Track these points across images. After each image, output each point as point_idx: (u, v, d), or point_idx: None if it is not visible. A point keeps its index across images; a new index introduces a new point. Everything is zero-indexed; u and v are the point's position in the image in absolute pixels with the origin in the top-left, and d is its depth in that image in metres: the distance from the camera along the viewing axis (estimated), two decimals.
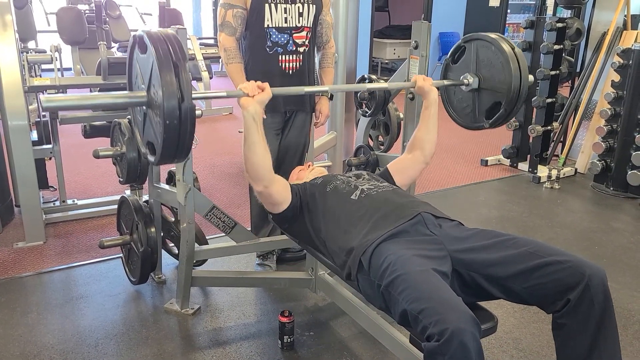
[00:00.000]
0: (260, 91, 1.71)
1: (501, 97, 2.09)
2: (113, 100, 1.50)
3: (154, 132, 1.47)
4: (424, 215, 1.71)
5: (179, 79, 1.37)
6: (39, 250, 2.98)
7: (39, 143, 3.39)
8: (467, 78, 2.17)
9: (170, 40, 1.44)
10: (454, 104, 2.31)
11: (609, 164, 4.06)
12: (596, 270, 1.46)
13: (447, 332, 1.26)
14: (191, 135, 1.43)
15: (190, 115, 1.39)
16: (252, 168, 1.76)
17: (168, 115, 1.35)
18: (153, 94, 1.43)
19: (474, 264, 1.58)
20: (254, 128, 1.71)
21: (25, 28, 5.20)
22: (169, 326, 2.35)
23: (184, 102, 1.36)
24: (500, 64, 2.07)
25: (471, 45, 2.18)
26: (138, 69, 1.57)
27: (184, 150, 1.45)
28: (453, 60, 2.27)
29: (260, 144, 1.73)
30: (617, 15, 4.40)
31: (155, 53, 1.39)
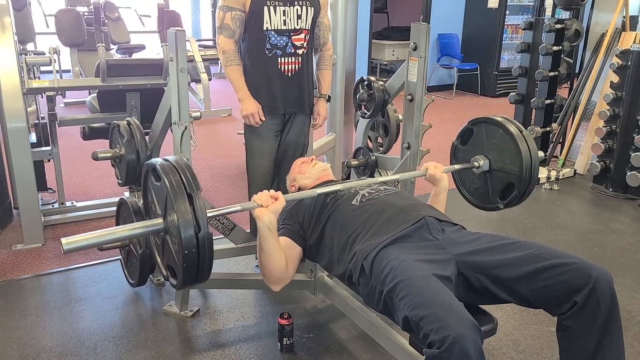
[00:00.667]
0: (273, 201, 1.68)
1: (514, 178, 2.05)
2: (132, 232, 1.53)
3: (174, 257, 1.50)
4: (428, 219, 1.71)
5: (194, 208, 1.40)
6: (37, 252, 2.97)
7: (37, 145, 3.39)
8: (477, 161, 2.12)
9: (183, 170, 1.46)
10: (466, 185, 2.27)
11: (608, 165, 4.06)
12: (603, 273, 1.46)
13: (448, 339, 1.26)
14: (210, 260, 1.46)
15: (207, 242, 1.42)
16: (270, 274, 1.77)
17: (186, 246, 1.38)
18: (169, 222, 1.46)
19: (480, 265, 1.58)
20: (269, 237, 1.69)
21: (24, 30, 5.20)
22: (168, 328, 2.34)
23: (201, 232, 1.40)
24: (510, 146, 2.03)
25: (479, 127, 2.14)
26: (153, 195, 1.59)
27: (204, 276, 1.48)
28: (461, 142, 2.23)
29: (275, 250, 1.73)
30: (615, 16, 4.40)
31: (169, 185, 1.42)
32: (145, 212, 1.72)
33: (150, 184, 1.60)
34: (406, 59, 2.44)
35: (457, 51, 8.01)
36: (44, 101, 3.44)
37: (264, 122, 2.44)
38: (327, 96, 2.61)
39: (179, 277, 1.50)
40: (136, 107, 3.31)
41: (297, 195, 1.84)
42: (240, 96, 2.40)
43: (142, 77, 3.31)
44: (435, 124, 2.63)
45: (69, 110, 6.14)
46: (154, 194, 1.60)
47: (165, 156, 1.58)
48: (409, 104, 2.46)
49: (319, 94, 2.60)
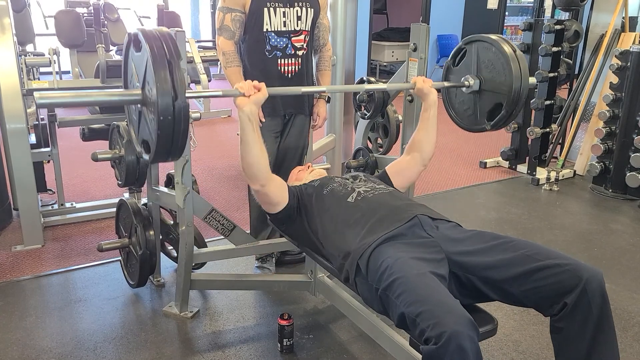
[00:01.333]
0: (256, 91, 1.71)
1: (502, 98, 2.08)
2: (108, 97, 1.51)
3: (149, 130, 1.48)
4: (421, 217, 1.71)
5: (172, 76, 1.38)
6: (37, 253, 2.97)
7: (37, 146, 3.38)
8: (468, 80, 2.15)
9: (165, 38, 1.44)
10: (455, 106, 2.30)
11: (607, 165, 4.06)
12: (594, 274, 1.46)
13: (444, 335, 1.26)
14: (185, 133, 1.44)
15: (184, 112, 1.40)
16: (248, 167, 1.77)
17: (162, 112, 1.37)
18: (148, 91, 1.44)
19: (471, 266, 1.58)
20: (249, 128, 1.71)
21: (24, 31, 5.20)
22: (168, 329, 2.34)
23: (178, 100, 1.38)
24: (501, 66, 2.06)
25: (472, 47, 2.17)
26: (133, 67, 1.57)
27: (178, 148, 1.46)
28: (454, 63, 2.25)
29: (256, 143, 1.73)
30: (615, 17, 4.41)
31: (149, 50, 1.40)
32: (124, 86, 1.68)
33: (131, 55, 1.57)
34: (406, 59, 2.44)
35: None
36: None
37: (264, 124, 2.43)
38: (327, 97, 2.61)
39: (152, 149, 1.47)
40: None
41: (279, 89, 1.85)
42: None
43: None
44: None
45: (69, 112, 6.13)
46: (134, 66, 1.56)
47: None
48: (408, 105, 2.46)
49: (319, 95, 2.60)
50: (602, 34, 4.50)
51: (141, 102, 1.48)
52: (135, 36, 1.50)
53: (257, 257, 2.81)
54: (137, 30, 1.49)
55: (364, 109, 2.95)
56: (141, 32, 1.45)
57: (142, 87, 1.47)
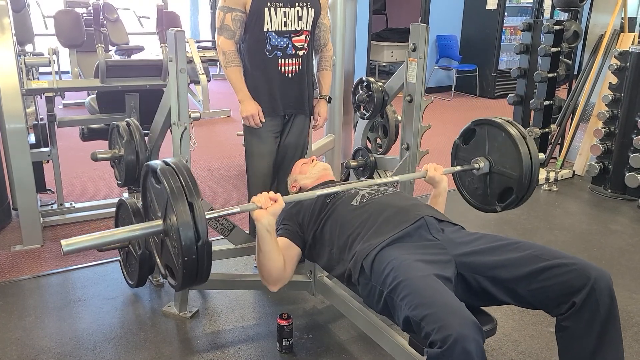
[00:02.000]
0: (272, 202, 1.68)
1: (513, 183, 2.04)
2: (131, 233, 1.53)
3: (173, 259, 1.51)
4: (427, 219, 1.71)
5: (194, 217, 1.40)
6: (36, 253, 2.97)
7: (36, 146, 3.39)
8: (478, 162, 2.11)
9: (184, 175, 1.47)
10: (465, 185, 2.25)
11: (606, 166, 4.06)
12: (602, 273, 1.46)
13: (450, 339, 1.26)
14: (208, 269, 1.48)
15: (207, 250, 1.43)
16: (268, 274, 1.77)
17: (186, 253, 1.40)
18: (169, 225, 1.46)
19: (479, 266, 1.58)
20: (268, 239, 1.69)
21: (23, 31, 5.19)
22: (167, 329, 2.34)
23: (200, 241, 1.41)
24: (511, 150, 2.02)
25: (482, 128, 2.13)
26: (153, 195, 1.60)
27: (203, 280, 1.50)
28: (463, 142, 2.22)
29: (275, 250, 1.73)
30: (614, 17, 4.41)
31: (169, 191, 1.42)
32: (144, 211, 1.72)
33: (150, 184, 1.61)
34: (405, 60, 2.45)
35: (455, 52, 8.02)
36: (43, 102, 3.43)
37: (263, 124, 2.44)
38: (327, 97, 2.61)
39: (178, 281, 1.51)
40: (135, 108, 3.31)
41: (295, 197, 1.84)
42: (240, 97, 2.40)
43: (141, 78, 3.31)
44: (434, 125, 2.63)
45: (68, 111, 6.14)
46: (153, 195, 1.60)
47: (165, 158, 1.58)
48: (408, 105, 2.46)
49: (320, 95, 2.60)
50: (601, 35, 4.51)
51: (164, 233, 1.51)
52: (154, 171, 1.52)
53: (255, 257, 2.81)
54: (156, 165, 1.51)
55: (363, 109, 2.95)
56: (160, 170, 1.47)
57: (163, 220, 1.50)
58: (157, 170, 1.49)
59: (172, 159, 1.56)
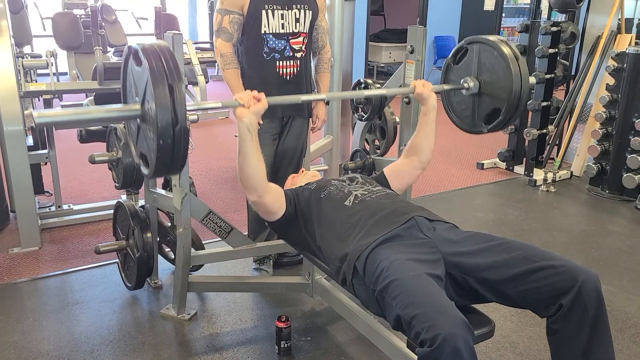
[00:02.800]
0: (256, 102, 1.70)
1: (501, 103, 2.05)
2: (106, 114, 1.49)
3: (148, 146, 1.47)
4: (417, 219, 1.72)
5: (173, 100, 1.36)
6: (34, 255, 2.96)
7: (34, 148, 3.38)
8: (467, 82, 2.12)
9: (166, 57, 1.42)
10: (453, 105, 2.26)
11: (604, 167, 4.07)
12: (589, 275, 1.46)
13: (439, 338, 1.26)
14: (184, 156, 1.45)
15: (184, 136, 1.40)
16: (245, 178, 1.77)
17: (162, 136, 1.37)
18: (147, 109, 1.43)
19: (467, 267, 1.58)
20: (248, 139, 1.70)
21: (21, 33, 5.19)
22: (165, 332, 2.34)
23: (178, 125, 1.37)
24: (502, 70, 2.02)
25: (474, 47, 2.13)
26: (132, 79, 1.56)
27: (177, 168, 1.47)
28: (454, 61, 2.22)
29: (254, 154, 1.73)
30: (611, 18, 4.42)
31: (150, 71, 1.38)
32: (122, 98, 1.67)
33: (131, 67, 1.56)
34: (403, 61, 2.45)
35: None
36: (40, 104, 3.43)
37: (261, 126, 2.43)
38: (325, 99, 2.61)
39: (150, 167, 1.47)
40: None
41: (279, 99, 1.83)
42: None
43: None
44: None
45: None
46: (133, 78, 1.55)
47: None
48: (406, 107, 2.47)
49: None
50: (599, 36, 4.52)
51: (140, 118, 1.47)
52: (135, 51, 1.49)
53: (254, 259, 2.81)
54: (137, 45, 1.47)
55: (362, 111, 2.95)
56: (141, 49, 1.43)
57: (141, 104, 1.46)
58: (138, 50, 1.44)
59: (156, 42, 1.51)
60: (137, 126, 1.54)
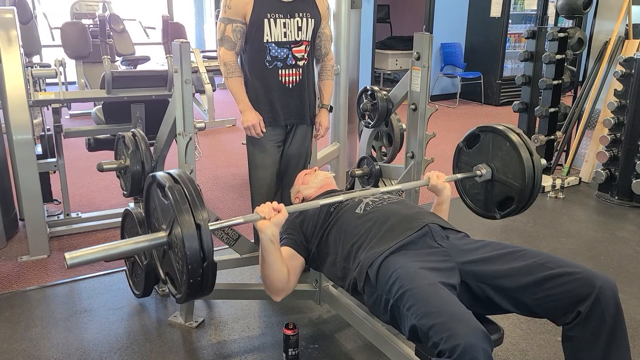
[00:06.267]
0: (276, 213, 1.68)
1: (514, 193, 2.03)
2: (135, 245, 1.53)
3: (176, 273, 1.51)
4: (431, 226, 1.71)
5: (200, 238, 1.40)
6: (43, 263, 2.98)
7: (43, 157, 3.41)
8: (480, 170, 2.10)
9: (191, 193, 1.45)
10: (466, 189, 2.25)
11: (613, 173, 4.04)
12: (607, 282, 1.45)
13: (458, 348, 1.25)
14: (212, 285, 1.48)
15: (212, 270, 1.44)
16: (271, 285, 1.78)
17: (191, 275, 1.40)
18: (174, 238, 1.46)
19: (483, 275, 1.57)
20: (271, 249, 1.70)
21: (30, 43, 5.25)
22: (173, 339, 2.34)
23: (206, 262, 1.41)
24: (514, 160, 2.01)
25: (486, 135, 2.12)
26: (157, 203, 1.59)
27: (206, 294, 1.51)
28: (467, 146, 2.22)
29: (277, 262, 1.74)
30: (618, 24, 4.41)
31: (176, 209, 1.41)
32: (146, 216, 1.71)
33: (155, 194, 1.60)
34: (409, 68, 2.45)
35: (460, 60, 8.03)
36: (49, 113, 3.46)
37: (265, 134, 2.45)
38: (328, 106, 2.62)
39: (181, 295, 1.51)
40: (141, 118, 3.33)
41: (299, 207, 1.84)
42: (241, 108, 2.41)
43: (147, 88, 3.33)
44: (439, 133, 2.63)
45: (74, 122, 6.18)
46: (157, 205, 1.59)
47: (171, 170, 1.57)
48: (412, 113, 2.46)
49: (321, 104, 2.60)
50: (606, 42, 4.50)
51: (167, 245, 1.51)
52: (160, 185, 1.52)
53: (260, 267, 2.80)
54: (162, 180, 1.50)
55: (368, 118, 2.95)
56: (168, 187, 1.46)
57: (168, 233, 1.49)
58: (165, 187, 1.48)
59: (178, 172, 1.55)
60: (164, 250, 1.57)
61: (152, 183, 1.61)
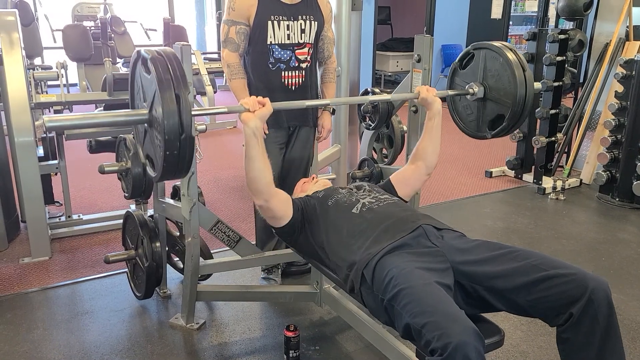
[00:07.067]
0: (261, 106, 1.72)
1: (505, 110, 2.06)
2: (115, 118, 1.55)
3: (154, 151, 1.52)
4: (425, 227, 1.71)
5: (179, 109, 1.40)
6: (44, 265, 2.98)
7: (45, 159, 3.41)
8: (472, 87, 2.13)
9: (173, 66, 1.46)
10: (458, 110, 2.27)
11: (614, 174, 4.05)
12: (599, 284, 1.45)
13: (450, 346, 1.26)
14: (189, 162, 1.49)
15: (189, 145, 1.45)
16: (252, 182, 1.78)
17: (168, 147, 1.42)
18: (155, 115, 1.47)
19: (476, 276, 1.57)
20: (254, 142, 1.72)
21: (32, 45, 5.26)
22: (174, 341, 2.34)
23: (184, 134, 1.42)
24: (507, 76, 2.03)
25: (480, 53, 2.14)
26: (140, 83, 1.59)
27: (182, 173, 1.52)
28: (461, 66, 2.23)
29: (259, 158, 1.75)
30: (619, 26, 4.41)
31: (157, 80, 1.42)
32: (130, 98, 1.71)
33: (139, 72, 1.60)
34: (410, 70, 2.45)
35: None
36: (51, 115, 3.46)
37: (268, 136, 2.45)
38: (331, 109, 2.63)
39: (157, 173, 1.52)
40: None
41: (284, 104, 1.86)
42: None
43: None
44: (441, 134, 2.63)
45: None
46: (142, 84, 1.59)
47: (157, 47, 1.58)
48: (413, 115, 2.47)
49: (323, 107, 2.61)
50: (607, 43, 4.51)
51: (148, 123, 1.52)
52: (144, 59, 1.52)
53: (262, 268, 2.81)
54: (146, 53, 1.51)
55: (369, 120, 2.95)
56: (150, 58, 1.47)
57: (149, 110, 1.50)
58: (147, 60, 1.48)
59: (164, 49, 1.55)
60: (144, 129, 1.58)
61: (136, 59, 1.60)
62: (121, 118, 1.53)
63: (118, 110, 1.61)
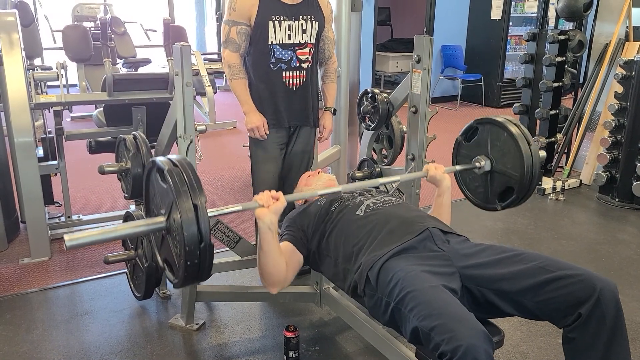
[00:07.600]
0: (274, 201, 1.69)
1: (514, 183, 2.04)
2: (134, 229, 1.55)
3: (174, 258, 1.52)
4: (432, 230, 1.71)
5: (198, 218, 1.41)
6: (44, 266, 2.98)
7: (44, 159, 3.41)
8: (479, 161, 2.11)
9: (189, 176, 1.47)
10: (466, 182, 2.25)
11: (614, 175, 4.05)
12: (607, 284, 1.45)
13: (460, 350, 1.25)
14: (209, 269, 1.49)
15: (209, 252, 1.45)
16: (268, 276, 1.77)
17: (189, 257, 1.42)
18: (172, 222, 1.48)
19: (483, 279, 1.57)
20: (269, 237, 1.70)
21: (32, 45, 5.27)
22: (174, 342, 2.34)
23: (203, 243, 1.42)
24: (512, 150, 2.02)
25: (484, 127, 2.13)
26: (156, 190, 1.60)
27: (203, 279, 1.53)
28: (465, 139, 2.22)
29: (275, 251, 1.73)
30: (619, 27, 4.41)
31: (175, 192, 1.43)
32: (145, 203, 1.72)
33: (154, 179, 1.61)
34: (410, 71, 2.45)
35: (460, 62, 8.03)
36: (50, 115, 3.47)
37: (269, 135, 2.45)
38: (332, 109, 2.63)
39: (178, 280, 1.52)
40: (142, 121, 3.33)
41: (297, 195, 1.85)
42: (245, 110, 2.42)
43: (148, 91, 3.34)
44: (440, 135, 2.63)
45: (76, 125, 6.19)
46: (157, 191, 1.60)
47: (171, 156, 1.57)
48: (413, 116, 2.47)
49: (325, 107, 2.61)
50: (606, 44, 4.51)
51: (166, 230, 1.52)
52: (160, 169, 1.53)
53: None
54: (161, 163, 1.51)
55: (369, 120, 2.95)
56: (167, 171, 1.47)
57: (166, 218, 1.50)
58: (164, 171, 1.49)
59: (178, 157, 1.55)
60: (162, 235, 1.59)
61: (152, 168, 1.61)
62: (140, 228, 1.53)
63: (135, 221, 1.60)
